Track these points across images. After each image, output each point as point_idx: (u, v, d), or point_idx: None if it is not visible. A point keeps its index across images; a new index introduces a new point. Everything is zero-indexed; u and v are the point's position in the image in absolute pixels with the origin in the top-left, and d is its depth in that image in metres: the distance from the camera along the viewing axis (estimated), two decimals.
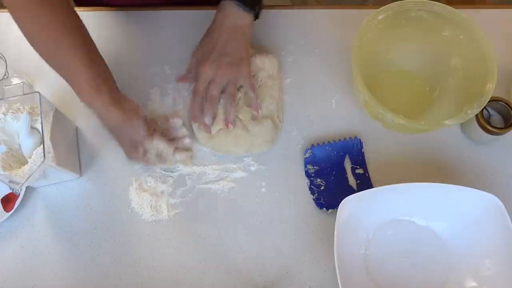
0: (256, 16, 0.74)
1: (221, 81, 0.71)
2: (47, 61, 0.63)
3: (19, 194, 0.72)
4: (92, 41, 0.65)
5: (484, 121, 0.71)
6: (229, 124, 0.72)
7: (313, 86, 0.81)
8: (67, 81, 0.64)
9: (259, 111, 0.74)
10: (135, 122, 0.66)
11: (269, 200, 0.73)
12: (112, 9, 0.87)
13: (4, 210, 0.72)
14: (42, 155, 0.63)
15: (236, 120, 0.75)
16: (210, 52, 0.72)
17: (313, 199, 0.73)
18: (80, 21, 0.64)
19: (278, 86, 0.79)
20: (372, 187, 0.73)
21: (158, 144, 0.69)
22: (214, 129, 0.74)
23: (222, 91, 0.73)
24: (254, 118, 0.75)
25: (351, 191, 0.73)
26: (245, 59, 0.73)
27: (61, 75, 0.64)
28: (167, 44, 0.84)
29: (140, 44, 0.84)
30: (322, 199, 0.73)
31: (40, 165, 0.63)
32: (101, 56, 0.66)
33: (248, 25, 0.73)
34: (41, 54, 0.63)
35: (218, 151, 0.76)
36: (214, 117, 0.73)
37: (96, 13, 0.87)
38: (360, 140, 0.76)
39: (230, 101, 0.72)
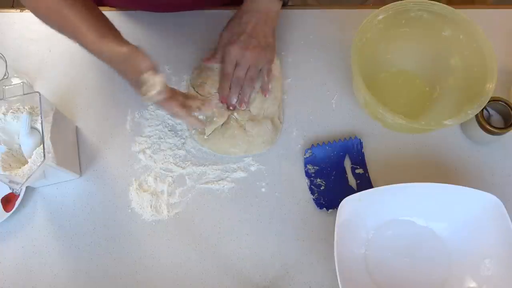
0: (285, 3, 0.75)
1: (246, 63, 0.72)
2: (52, 26, 0.65)
3: (19, 194, 0.72)
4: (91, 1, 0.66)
5: (484, 121, 0.71)
6: (243, 104, 0.73)
7: (313, 86, 0.81)
8: (72, 37, 0.65)
9: (266, 95, 0.75)
10: (141, 55, 0.63)
11: (269, 200, 0.73)
12: (112, 9, 0.87)
13: (4, 210, 0.72)
14: (42, 155, 0.63)
15: (233, 120, 0.75)
16: (239, 34, 0.72)
17: (313, 199, 0.73)
18: None
19: (279, 87, 0.79)
20: (372, 187, 0.73)
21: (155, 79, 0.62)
22: (208, 130, 0.74)
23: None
24: (252, 119, 0.75)
25: (351, 191, 0.73)
26: (272, 44, 0.74)
27: (65, 34, 0.65)
28: (167, 44, 0.84)
29: (140, 44, 0.84)
30: (322, 199, 0.73)
31: (40, 165, 0.63)
32: (103, 14, 0.67)
33: (276, 11, 0.74)
34: (46, 21, 0.65)
35: (216, 151, 0.76)
36: (243, 98, 0.74)
37: None
38: (360, 140, 0.76)
39: (249, 84, 0.73)
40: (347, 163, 0.76)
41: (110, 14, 0.86)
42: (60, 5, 0.62)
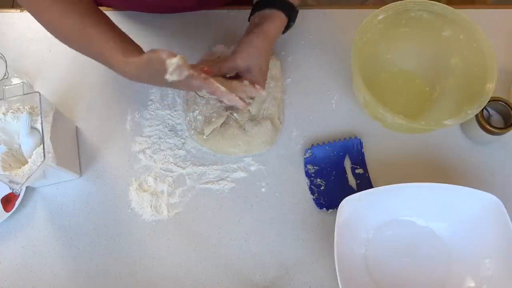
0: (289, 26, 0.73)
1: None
2: (73, 45, 0.65)
3: (19, 194, 0.72)
4: (104, 13, 0.65)
5: (484, 121, 0.71)
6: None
7: (313, 86, 0.81)
8: (97, 57, 0.64)
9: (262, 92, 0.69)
10: (158, 51, 0.58)
11: (269, 200, 0.73)
12: (108, 9, 0.87)
13: (4, 210, 0.72)
14: (42, 155, 0.63)
15: (233, 120, 0.75)
16: (264, 68, 0.68)
17: (313, 199, 0.73)
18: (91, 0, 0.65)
19: (280, 87, 0.79)
20: (372, 187, 0.73)
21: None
22: (207, 130, 0.74)
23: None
24: (252, 119, 0.75)
25: (351, 191, 0.73)
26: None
27: (89, 54, 0.65)
28: (166, 44, 0.84)
29: (140, 44, 0.84)
30: (322, 199, 0.73)
31: (40, 165, 0.63)
32: (119, 28, 0.66)
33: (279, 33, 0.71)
34: (66, 41, 0.64)
35: (216, 151, 0.76)
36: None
37: None
38: (360, 140, 0.76)
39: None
40: (347, 163, 0.76)
41: (108, 14, 0.86)
42: (83, 26, 0.61)
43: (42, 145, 0.64)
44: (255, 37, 0.66)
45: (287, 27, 0.72)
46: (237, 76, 0.68)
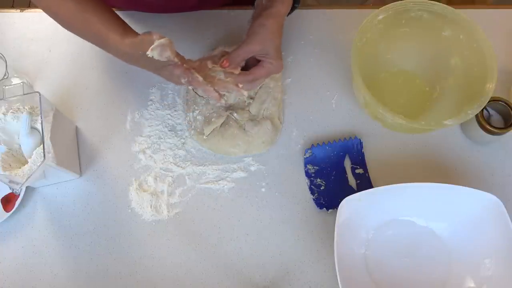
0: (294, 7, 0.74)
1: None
2: (73, 29, 0.67)
3: (19, 194, 0.72)
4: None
5: (484, 121, 0.71)
6: (229, 66, 0.68)
7: (313, 86, 0.81)
8: (94, 39, 0.66)
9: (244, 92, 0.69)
10: (150, 33, 0.62)
11: (269, 200, 0.73)
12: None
13: (4, 210, 0.72)
14: (42, 155, 0.63)
15: (233, 120, 0.75)
16: (279, 48, 0.69)
17: (313, 199, 0.73)
18: None
19: (280, 87, 0.79)
20: (372, 187, 0.73)
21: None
22: (207, 130, 0.74)
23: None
24: (252, 119, 0.75)
25: (351, 191, 0.73)
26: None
27: (87, 38, 0.67)
28: None
29: None
30: (322, 199, 0.73)
31: (40, 165, 0.63)
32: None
33: (286, 13, 0.72)
34: (66, 25, 0.67)
35: (216, 151, 0.76)
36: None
37: None
38: (360, 140, 0.76)
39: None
40: (347, 163, 0.76)
41: None
42: (83, 10, 0.64)
43: (42, 145, 0.64)
44: (265, 19, 0.67)
45: (292, 8, 0.73)
46: (257, 60, 0.69)
